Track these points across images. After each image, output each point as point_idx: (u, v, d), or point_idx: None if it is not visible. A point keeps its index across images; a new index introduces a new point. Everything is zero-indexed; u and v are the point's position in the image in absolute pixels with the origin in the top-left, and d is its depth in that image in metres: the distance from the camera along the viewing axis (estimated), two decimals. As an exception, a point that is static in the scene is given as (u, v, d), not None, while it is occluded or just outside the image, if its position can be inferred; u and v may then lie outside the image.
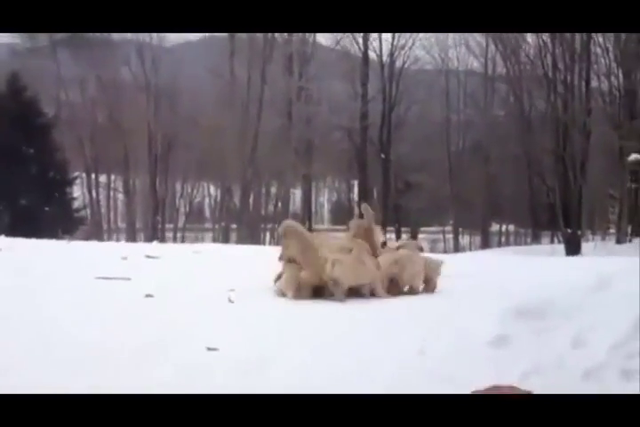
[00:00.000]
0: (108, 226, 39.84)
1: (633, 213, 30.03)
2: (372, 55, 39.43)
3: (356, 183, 43.73)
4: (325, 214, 55.26)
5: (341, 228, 42.28)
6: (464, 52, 39.97)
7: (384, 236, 7.64)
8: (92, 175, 38.82)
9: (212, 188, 43.45)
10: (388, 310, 5.68)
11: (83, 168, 37.50)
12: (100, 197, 39.91)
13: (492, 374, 3.97)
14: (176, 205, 41.90)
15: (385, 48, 39.39)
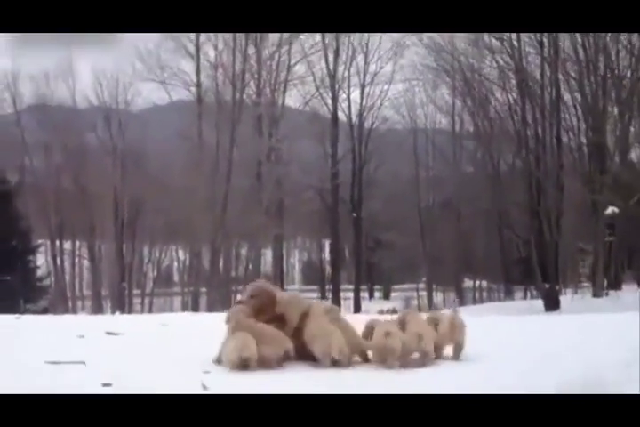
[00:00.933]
0: (72, 294, 38.47)
1: (608, 267, 29.79)
2: (341, 116, 39.85)
3: (327, 243, 43.33)
4: (297, 275, 54.56)
5: (313, 288, 42.06)
6: (432, 109, 40.61)
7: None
8: (57, 242, 37.86)
9: (180, 251, 42.54)
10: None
11: (47, 235, 36.59)
12: (65, 264, 38.81)
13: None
14: (143, 269, 40.76)
15: (354, 108, 39.90)
